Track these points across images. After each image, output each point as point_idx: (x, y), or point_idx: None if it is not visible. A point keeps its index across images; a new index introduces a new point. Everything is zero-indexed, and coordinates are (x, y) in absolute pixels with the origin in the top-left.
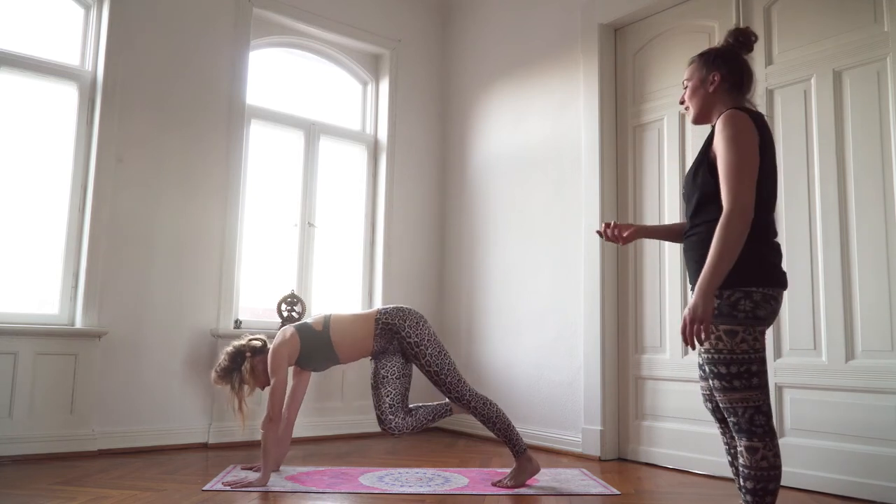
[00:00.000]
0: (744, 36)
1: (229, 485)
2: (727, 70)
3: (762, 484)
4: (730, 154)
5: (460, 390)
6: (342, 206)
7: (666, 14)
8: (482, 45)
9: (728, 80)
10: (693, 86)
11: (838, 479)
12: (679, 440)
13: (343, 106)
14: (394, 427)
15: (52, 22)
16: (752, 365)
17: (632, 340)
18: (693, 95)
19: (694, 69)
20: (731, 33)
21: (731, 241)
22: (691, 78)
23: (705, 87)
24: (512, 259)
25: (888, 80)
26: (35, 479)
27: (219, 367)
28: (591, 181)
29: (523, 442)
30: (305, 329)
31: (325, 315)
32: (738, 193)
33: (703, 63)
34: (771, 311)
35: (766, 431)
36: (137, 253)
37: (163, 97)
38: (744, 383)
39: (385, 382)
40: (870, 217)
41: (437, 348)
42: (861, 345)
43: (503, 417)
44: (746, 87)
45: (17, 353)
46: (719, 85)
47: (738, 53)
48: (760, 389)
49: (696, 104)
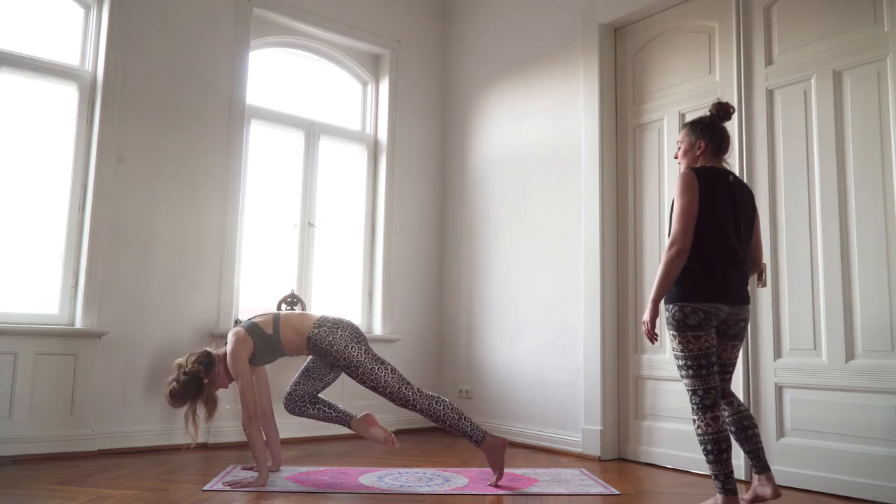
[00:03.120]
0: (723, 109)
1: (229, 485)
2: (709, 139)
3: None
4: (677, 203)
5: (404, 397)
6: (342, 206)
7: (666, 14)
8: (482, 45)
9: (710, 147)
10: (684, 148)
11: (838, 479)
12: (679, 440)
13: (343, 106)
14: (287, 408)
15: (52, 22)
16: (688, 360)
17: (632, 340)
18: (684, 156)
19: (685, 134)
20: (714, 106)
21: (668, 268)
22: (683, 141)
23: (693, 152)
24: (512, 259)
25: (888, 80)
26: (35, 479)
27: (174, 391)
28: (591, 181)
29: (480, 430)
30: (255, 330)
31: (273, 315)
32: (677, 235)
33: (692, 132)
34: (701, 320)
35: (700, 408)
36: (137, 253)
37: (163, 97)
38: (687, 372)
39: (307, 375)
40: (870, 217)
41: (371, 363)
42: (861, 345)
43: (452, 413)
44: (724, 150)
45: (17, 353)
46: (704, 150)
47: (719, 124)
48: (699, 378)
49: (685, 163)
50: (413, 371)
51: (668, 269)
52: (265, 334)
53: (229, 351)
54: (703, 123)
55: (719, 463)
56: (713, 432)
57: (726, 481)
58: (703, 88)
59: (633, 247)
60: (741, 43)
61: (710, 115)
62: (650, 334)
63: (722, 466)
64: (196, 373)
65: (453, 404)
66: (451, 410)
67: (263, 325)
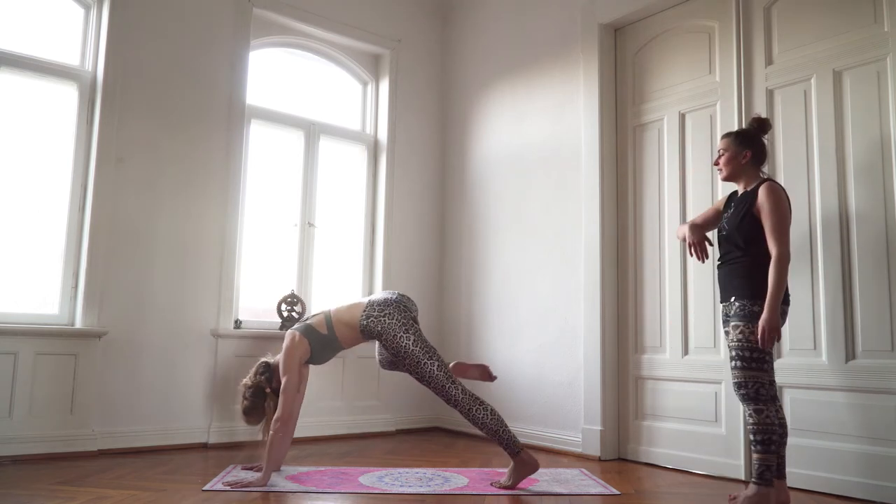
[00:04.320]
0: (764, 125)
1: (229, 485)
2: (754, 150)
3: (767, 436)
4: (774, 216)
5: (448, 393)
6: (342, 206)
7: (666, 14)
8: (482, 45)
9: (755, 157)
10: (729, 156)
11: (838, 479)
12: (679, 440)
13: (343, 106)
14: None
15: (52, 22)
16: (766, 353)
17: (632, 340)
18: (728, 163)
19: (728, 144)
20: (756, 121)
21: (784, 276)
22: (727, 150)
23: (738, 160)
24: (512, 259)
25: (888, 80)
26: (35, 479)
27: (246, 408)
28: (591, 181)
29: (518, 443)
30: (311, 332)
31: (324, 314)
32: (785, 245)
33: (738, 141)
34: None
35: (770, 398)
36: (137, 253)
37: (163, 97)
38: (760, 366)
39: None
40: (870, 217)
41: (420, 354)
42: (861, 345)
43: (493, 419)
44: (763, 160)
45: (17, 353)
46: (749, 160)
47: (759, 136)
48: (771, 370)
49: (729, 170)
50: None
51: (784, 277)
52: (320, 335)
53: (283, 351)
54: (748, 135)
55: (772, 452)
56: (777, 421)
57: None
58: (703, 88)
59: (633, 247)
60: (741, 43)
61: (751, 125)
62: (773, 343)
63: (773, 456)
64: (258, 384)
65: (496, 411)
66: (493, 416)
67: (318, 327)
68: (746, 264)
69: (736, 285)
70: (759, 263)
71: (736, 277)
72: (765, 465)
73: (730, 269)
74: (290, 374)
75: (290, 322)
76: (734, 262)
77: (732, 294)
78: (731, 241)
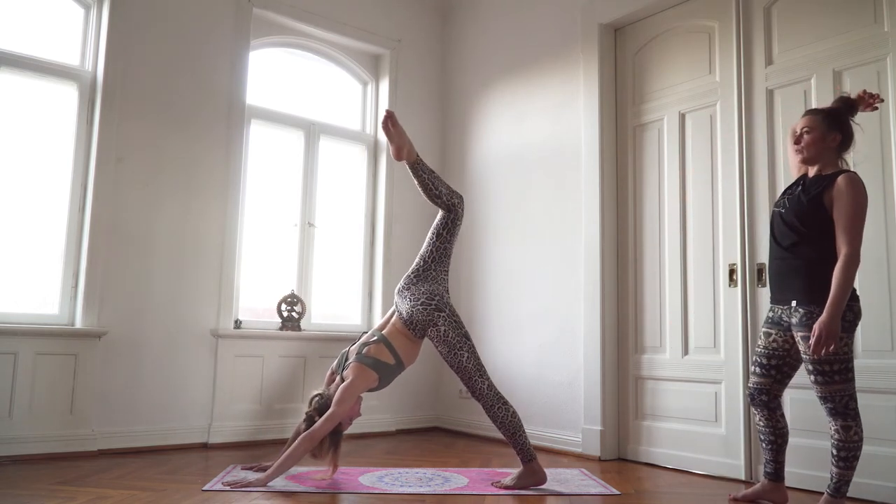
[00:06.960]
0: (854, 105)
1: (229, 485)
2: (844, 135)
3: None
4: (851, 210)
5: (475, 385)
6: (342, 206)
7: (666, 14)
8: (482, 45)
9: (843, 143)
10: (815, 137)
11: None
12: (679, 440)
13: (343, 106)
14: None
15: (52, 22)
16: (849, 361)
17: (632, 340)
18: (813, 144)
19: (816, 123)
20: (843, 100)
21: (852, 277)
22: (812, 130)
23: (825, 143)
24: (512, 259)
25: (888, 80)
26: (35, 479)
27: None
28: (591, 181)
29: (533, 451)
30: (379, 365)
31: (384, 341)
32: (858, 243)
33: (827, 122)
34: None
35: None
36: (137, 253)
37: (163, 97)
38: (845, 376)
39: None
40: (870, 217)
41: (455, 339)
42: (861, 345)
43: (512, 422)
44: (849, 147)
45: (17, 353)
46: (838, 144)
47: (848, 119)
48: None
49: (813, 152)
50: (413, 371)
51: (852, 280)
52: (389, 366)
53: (349, 381)
54: (838, 116)
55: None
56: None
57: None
58: (703, 88)
59: (633, 247)
60: (741, 43)
61: (837, 105)
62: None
63: (853, 472)
64: (311, 416)
65: (517, 414)
66: (513, 418)
67: (383, 358)
68: (813, 261)
69: (798, 287)
70: (828, 261)
71: (798, 277)
72: (844, 481)
73: (791, 264)
74: (343, 406)
75: (289, 322)
76: (797, 257)
77: (794, 297)
78: (790, 225)
